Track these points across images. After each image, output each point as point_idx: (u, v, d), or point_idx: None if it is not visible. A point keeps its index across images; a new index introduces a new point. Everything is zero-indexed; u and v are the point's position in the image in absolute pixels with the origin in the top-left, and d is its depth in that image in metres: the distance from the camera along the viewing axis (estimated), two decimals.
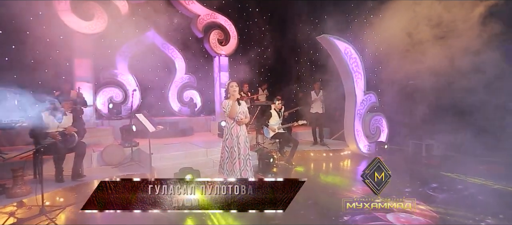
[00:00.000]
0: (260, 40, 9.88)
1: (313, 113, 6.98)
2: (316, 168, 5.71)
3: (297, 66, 10.45)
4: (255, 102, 8.16)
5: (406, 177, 4.80)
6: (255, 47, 10.04)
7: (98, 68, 6.96)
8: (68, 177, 4.10)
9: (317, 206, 3.65)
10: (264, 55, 10.63)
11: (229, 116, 3.72)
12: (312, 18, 9.25)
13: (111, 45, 7.30)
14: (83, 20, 5.87)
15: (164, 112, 8.76)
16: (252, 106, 7.73)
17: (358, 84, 6.36)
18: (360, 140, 6.51)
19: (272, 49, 10.21)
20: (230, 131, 3.77)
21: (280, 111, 5.99)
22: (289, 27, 9.49)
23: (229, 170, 3.80)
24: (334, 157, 6.47)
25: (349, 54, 6.21)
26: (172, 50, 8.54)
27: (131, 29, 7.62)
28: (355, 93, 6.31)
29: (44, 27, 5.38)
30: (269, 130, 5.78)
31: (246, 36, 9.61)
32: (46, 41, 5.49)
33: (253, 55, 9.92)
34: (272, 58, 10.71)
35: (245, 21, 9.53)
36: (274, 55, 10.59)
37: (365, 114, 6.57)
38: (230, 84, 3.74)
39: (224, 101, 3.75)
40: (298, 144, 5.81)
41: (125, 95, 7.83)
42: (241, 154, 3.79)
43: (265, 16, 9.88)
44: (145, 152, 4.91)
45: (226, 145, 3.80)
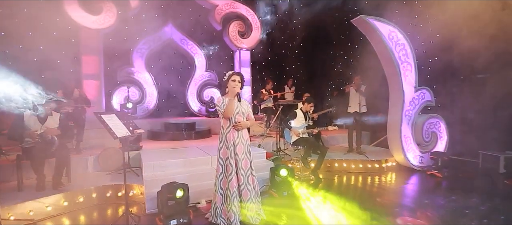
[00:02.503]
0: (286, 30, 8.84)
1: (351, 112, 5.73)
2: (349, 185, 4.51)
3: (333, 58, 9.16)
4: (280, 101, 7.17)
5: (483, 205, 3.41)
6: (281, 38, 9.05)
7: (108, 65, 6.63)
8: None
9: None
10: (292, 47, 9.58)
11: (224, 116, 2.85)
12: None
13: (127, 42, 6.99)
14: (91, 15, 5.53)
15: (185, 112, 8.26)
16: (275, 106, 6.77)
17: (406, 77, 4.96)
18: (409, 149, 5.10)
19: (302, 39, 9.10)
20: (225, 137, 2.89)
21: (307, 112, 4.91)
22: (320, 11, 8.24)
23: (223, 188, 2.93)
24: (374, 169, 5.16)
25: (394, 39, 4.86)
26: (191, 45, 7.98)
27: (147, 24, 7.25)
28: (402, 89, 4.94)
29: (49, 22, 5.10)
30: (291, 134, 4.75)
31: (271, 26, 8.63)
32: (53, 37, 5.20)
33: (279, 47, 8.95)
34: (302, 50, 9.61)
35: (269, 9, 8.55)
36: (304, 46, 9.48)
37: (417, 115, 5.13)
38: (231, 76, 2.86)
39: (219, 98, 2.88)
40: (326, 152, 4.68)
41: (142, 94, 7.48)
42: (240, 168, 2.89)
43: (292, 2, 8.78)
44: (146, 157, 4.30)
45: (220, 157, 2.93)
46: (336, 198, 3.76)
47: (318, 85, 8.70)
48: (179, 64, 8.31)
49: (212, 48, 7.98)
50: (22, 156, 3.55)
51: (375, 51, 5.19)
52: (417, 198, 3.89)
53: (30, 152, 3.48)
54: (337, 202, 3.63)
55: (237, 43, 7.33)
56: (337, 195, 3.94)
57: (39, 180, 3.52)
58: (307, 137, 4.77)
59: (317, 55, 9.02)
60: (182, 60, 8.33)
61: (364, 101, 5.62)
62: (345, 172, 5.11)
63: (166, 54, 7.81)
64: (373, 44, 5.14)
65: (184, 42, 7.89)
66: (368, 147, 6.55)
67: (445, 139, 5.39)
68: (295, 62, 9.76)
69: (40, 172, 3.52)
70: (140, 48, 7.37)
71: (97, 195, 3.68)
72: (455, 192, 3.97)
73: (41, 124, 3.61)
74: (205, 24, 7.82)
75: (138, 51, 7.37)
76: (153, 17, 6.96)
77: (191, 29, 7.84)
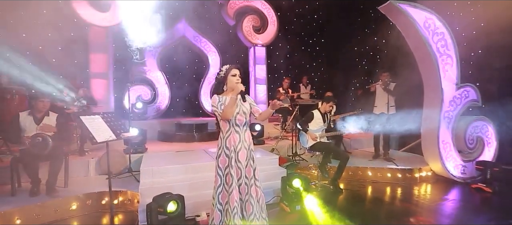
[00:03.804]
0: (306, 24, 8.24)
1: (377, 114, 5.05)
2: (375, 198, 3.88)
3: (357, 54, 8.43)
4: (297, 101, 6.61)
5: None
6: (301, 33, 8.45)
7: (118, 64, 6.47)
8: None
9: None
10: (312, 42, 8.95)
11: (223, 118, 2.40)
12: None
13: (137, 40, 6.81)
14: (99, 12, 5.36)
15: (199, 112, 7.96)
16: (292, 106, 6.23)
17: (446, 73, 4.21)
18: (448, 156, 4.34)
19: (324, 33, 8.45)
20: (224, 143, 2.44)
21: (326, 113, 4.33)
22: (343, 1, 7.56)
23: (223, 203, 2.48)
24: (405, 180, 4.45)
25: (432, 28, 4.13)
26: (205, 43, 7.65)
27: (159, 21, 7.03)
28: (441, 86, 4.19)
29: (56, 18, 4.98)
30: (307, 137, 4.20)
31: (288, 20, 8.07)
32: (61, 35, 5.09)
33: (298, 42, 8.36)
34: (322, 45, 8.95)
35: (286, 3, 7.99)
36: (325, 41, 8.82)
37: (458, 118, 4.35)
38: (230, 70, 2.41)
39: (215, 97, 2.42)
40: (348, 159, 4.07)
41: (155, 94, 7.28)
42: (243, 178, 2.43)
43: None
44: (148, 161, 3.99)
45: (218, 166, 2.48)
46: (359, 215, 3.17)
47: (340, 84, 8.00)
48: (193, 63, 8.03)
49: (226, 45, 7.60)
50: (18, 159, 3.36)
51: (408, 43, 4.48)
52: (459, 218, 3.17)
53: (22, 155, 3.27)
54: (360, 219, 3.05)
55: (251, 39, 6.87)
56: (360, 210, 3.35)
57: (33, 184, 3.31)
58: (326, 142, 4.19)
59: (340, 51, 8.31)
60: (197, 59, 8.05)
61: (393, 101, 4.92)
62: (370, 182, 4.46)
63: (179, 52, 7.55)
64: (404, 34, 4.43)
65: (198, 40, 7.58)
66: (397, 152, 5.80)
67: (493, 145, 4.55)
68: (316, 59, 9.14)
69: (34, 176, 3.31)
70: (152, 46, 7.17)
71: (91, 203, 3.40)
72: (510, 213, 3.21)
73: (36, 125, 3.41)
74: (221, 21, 7.48)
75: (150, 49, 7.17)
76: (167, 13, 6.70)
77: (205, 26, 7.53)
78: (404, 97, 4.95)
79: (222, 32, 7.43)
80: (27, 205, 3.03)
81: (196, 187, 3.44)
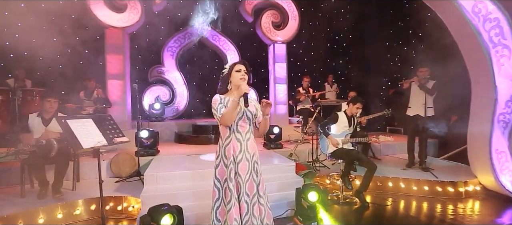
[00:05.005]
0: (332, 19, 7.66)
1: (412, 116, 4.40)
2: (408, 215, 3.30)
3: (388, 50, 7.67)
4: (319, 101, 6.12)
5: None
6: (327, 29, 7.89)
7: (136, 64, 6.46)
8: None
9: None
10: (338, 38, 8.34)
11: (222, 123, 2.08)
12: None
13: (156, 40, 6.78)
14: (115, 13, 5.34)
15: None
16: (313, 107, 5.75)
17: (501, 67, 3.47)
18: (503, 168, 3.59)
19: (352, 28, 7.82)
20: (223, 151, 2.13)
21: (353, 116, 3.80)
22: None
23: (221, 220, 2.15)
24: (447, 195, 3.77)
25: (483, 13, 3.42)
26: (223, 41, 7.42)
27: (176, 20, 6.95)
28: (494, 82, 3.46)
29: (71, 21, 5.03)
30: (328, 142, 3.71)
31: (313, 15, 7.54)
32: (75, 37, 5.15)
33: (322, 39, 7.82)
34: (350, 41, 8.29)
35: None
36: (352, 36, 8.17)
37: None
38: (234, 66, 2.08)
39: (215, 97, 2.09)
40: (375, 169, 3.50)
41: (173, 95, 7.21)
42: (244, 194, 2.08)
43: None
44: (155, 165, 3.80)
45: (216, 177, 2.17)
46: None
47: (370, 83, 7.30)
48: (214, 62, 7.84)
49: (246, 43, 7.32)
50: (26, 161, 3.35)
51: (451, 33, 3.79)
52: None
53: (30, 157, 3.24)
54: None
55: (270, 36, 6.48)
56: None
57: (41, 187, 3.27)
58: (349, 149, 3.66)
59: (369, 46, 7.61)
60: (217, 58, 7.85)
61: (431, 102, 4.24)
62: (403, 196, 3.84)
63: (199, 52, 7.42)
64: (447, 23, 3.76)
65: (216, 38, 7.37)
66: (436, 160, 5.04)
67: None
68: (343, 56, 8.49)
69: (41, 178, 3.26)
70: (170, 46, 7.11)
71: (96, 208, 3.27)
72: None
73: (44, 126, 3.36)
74: (241, 19, 7.21)
75: (168, 49, 7.11)
76: (183, 13, 6.58)
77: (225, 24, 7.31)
78: (443, 96, 4.25)
79: (242, 31, 7.15)
80: (33, 208, 2.96)
81: (202, 195, 3.14)
